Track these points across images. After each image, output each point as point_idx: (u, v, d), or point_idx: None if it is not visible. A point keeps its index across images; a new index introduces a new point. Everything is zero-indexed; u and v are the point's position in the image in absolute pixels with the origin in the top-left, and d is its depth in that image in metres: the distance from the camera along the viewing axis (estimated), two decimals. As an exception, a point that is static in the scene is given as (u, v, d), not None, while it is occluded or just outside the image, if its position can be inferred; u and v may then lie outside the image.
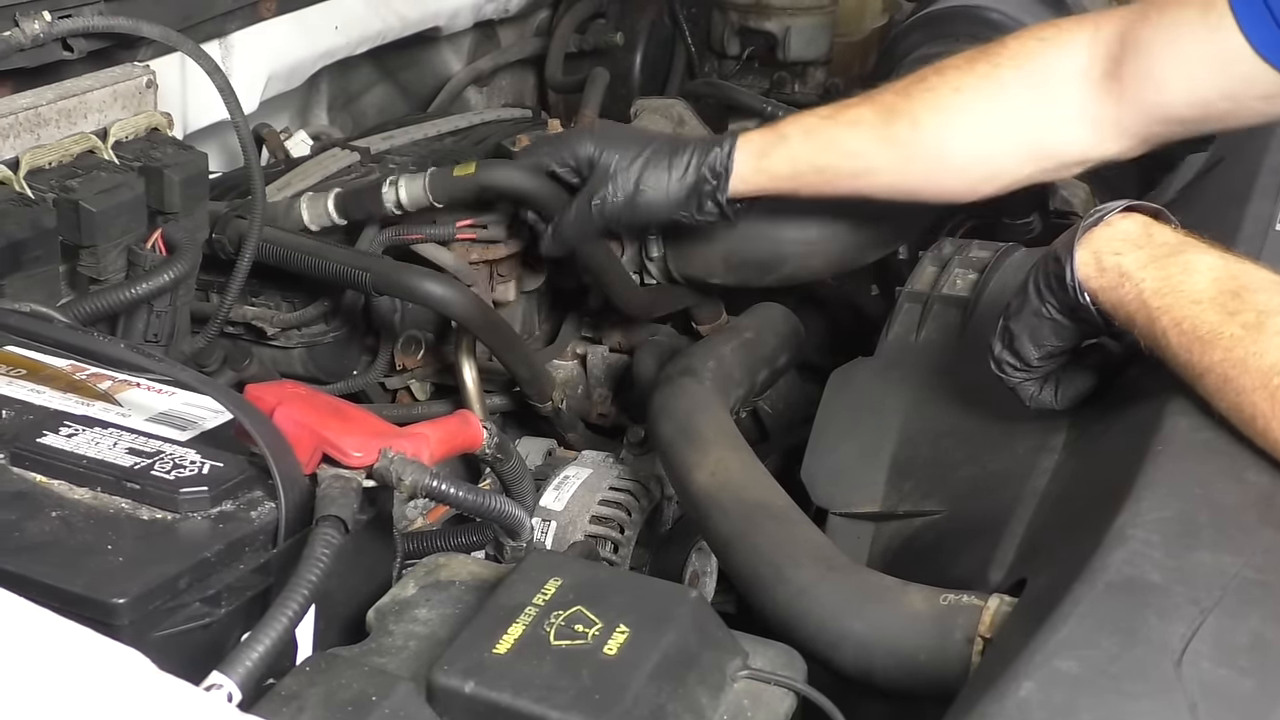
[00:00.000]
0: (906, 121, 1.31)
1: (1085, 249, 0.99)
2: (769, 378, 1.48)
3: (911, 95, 1.32)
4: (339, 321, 1.55)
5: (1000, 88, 1.28)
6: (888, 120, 1.32)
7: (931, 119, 1.30)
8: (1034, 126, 1.28)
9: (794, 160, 1.36)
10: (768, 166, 1.37)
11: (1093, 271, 0.98)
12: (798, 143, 1.36)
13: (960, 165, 1.32)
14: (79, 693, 0.62)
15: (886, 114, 1.32)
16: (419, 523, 1.30)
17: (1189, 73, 1.18)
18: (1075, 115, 1.25)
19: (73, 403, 0.96)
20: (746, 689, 0.82)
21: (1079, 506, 0.95)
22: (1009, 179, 1.33)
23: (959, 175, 1.33)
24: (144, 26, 1.26)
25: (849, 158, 1.34)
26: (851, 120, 1.34)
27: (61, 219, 1.16)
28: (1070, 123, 1.26)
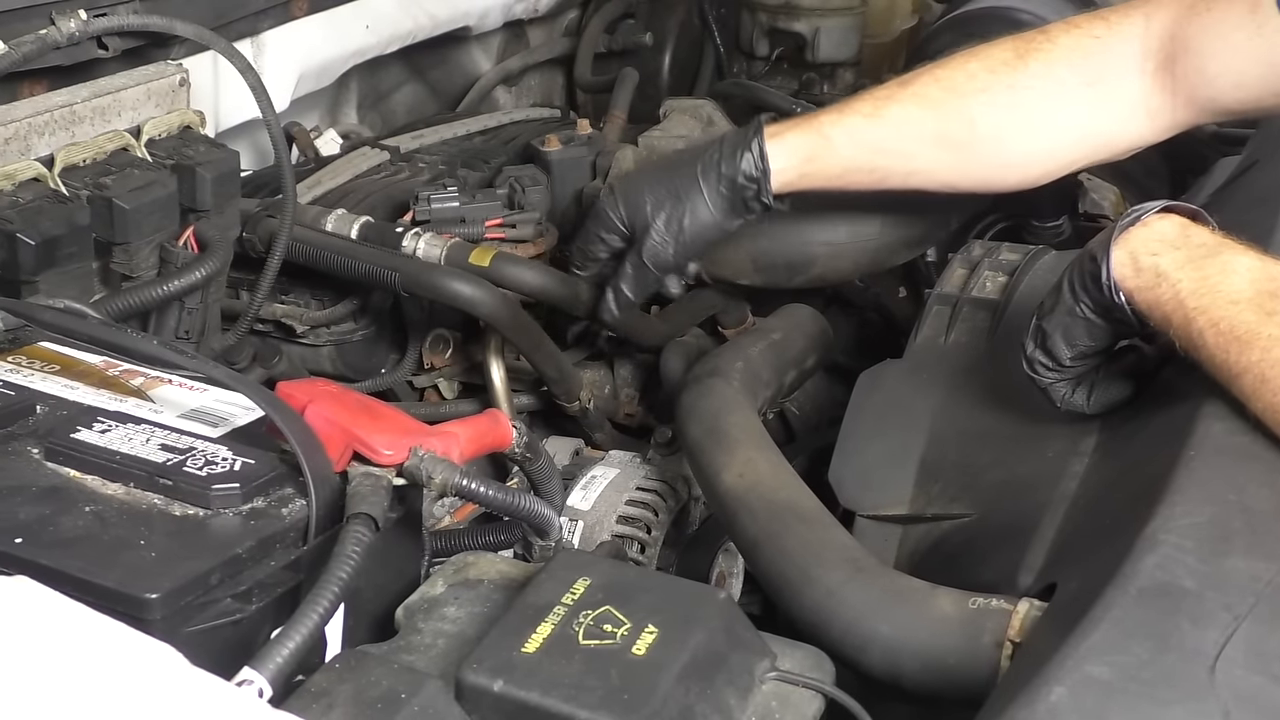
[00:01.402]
0: (963, 123, 1.30)
1: (1122, 249, 0.98)
2: (797, 379, 1.47)
3: (964, 94, 1.31)
4: (367, 320, 1.56)
5: (1059, 86, 1.28)
6: (940, 120, 1.31)
7: (989, 120, 1.30)
8: (1093, 122, 1.29)
9: (844, 162, 1.35)
10: (815, 171, 1.35)
11: (1129, 272, 0.98)
12: (844, 146, 1.34)
13: (1020, 163, 1.33)
14: (114, 687, 0.62)
15: (938, 114, 1.31)
16: (446, 521, 1.31)
17: (1238, 70, 1.20)
18: (1132, 109, 1.27)
19: (106, 399, 0.97)
20: (774, 691, 0.82)
21: (1110, 511, 0.94)
22: (1066, 169, 1.34)
23: (1018, 171, 1.34)
24: (178, 25, 1.27)
25: (902, 159, 1.34)
26: (900, 120, 1.33)
27: (95, 216, 1.16)
28: (1128, 117, 1.27)
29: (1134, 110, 1.27)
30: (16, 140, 1.15)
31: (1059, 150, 1.32)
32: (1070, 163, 1.34)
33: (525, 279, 1.40)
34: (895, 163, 1.34)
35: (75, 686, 0.62)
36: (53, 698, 0.61)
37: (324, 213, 1.48)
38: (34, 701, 0.61)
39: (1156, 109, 1.26)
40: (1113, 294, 0.98)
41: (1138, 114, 1.27)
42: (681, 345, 1.57)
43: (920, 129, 1.32)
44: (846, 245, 1.53)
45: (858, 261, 1.55)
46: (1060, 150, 1.32)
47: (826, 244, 1.52)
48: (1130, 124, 1.28)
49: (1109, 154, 1.33)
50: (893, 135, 1.33)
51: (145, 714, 0.62)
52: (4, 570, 0.71)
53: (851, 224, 1.52)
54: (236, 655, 0.74)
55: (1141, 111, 1.26)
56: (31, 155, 1.16)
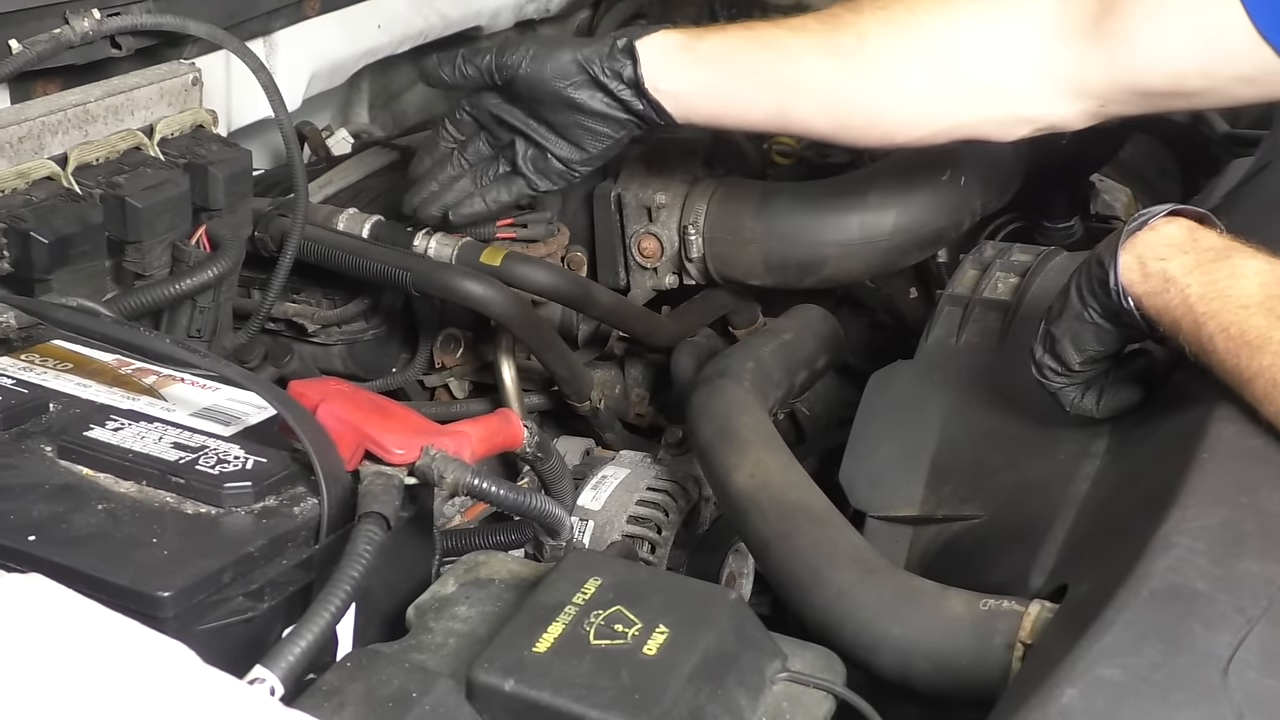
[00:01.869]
0: (852, 34, 1.25)
1: (1129, 253, 0.98)
2: (808, 379, 1.47)
3: (861, 11, 1.26)
4: (379, 319, 1.56)
5: (957, 19, 1.23)
6: (832, 29, 1.26)
7: (880, 35, 1.24)
8: (987, 67, 1.22)
9: (729, 49, 1.29)
10: (697, 49, 1.29)
11: (1137, 277, 0.97)
12: (735, 34, 1.30)
13: (900, 92, 1.26)
14: (126, 684, 0.62)
15: (832, 23, 1.27)
16: (456, 520, 1.31)
17: (1171, 37, 1.14)
18: (1033, 65, 1.21)
19: (119, 397, 0.97)
20: (785, 691, 0.82)
21: (1122, 513, 0.94)
22: (947, 121, 1.26)
23: (897, 104, 1.26)
24: (191, 25, 1.27)
25: (786, 60, 1.27)
26: (795, 25, 1.28)
27: (108, 215, 1.17)
28: (1026, 72, 1.21)
29: (1035, 67, 1.20)
30: (30, 139, 1.15)
31: (944, 89, 1.24)
32: (954, 111, 1.25)
33: (536, 279, 1.40)
34: (779, 64, 1.26)
35: (88, 684, 0.62)
36: (66, 695, 0.61)
37: (336, 212, 1.48)
38: (47, 699, 0.61)
39: (1058, 73, 1.19)
40: (1121, 299, 0.98)
41: (1038, 73, 1.20)
42: (692, 345, 1.57)
43: (811, 36, 1.26)
44: (858, 246, 1.52)
45: (869, 262, 1.55)
46: (945, 90, 1.24)
47: (838, 244, 1.52)
48: (1029, 82, 1.20)
49: (1001, 116, 1.24)
50: (784, 34, 1.27)
51: (158, 712, 0.62)
52: (17, 568, 0.71)
53: (863, 224, 1.51)
54: (248, 653, 0.74)
55: (1043, 71, 1.20)
56: (45, 154, 1.17)
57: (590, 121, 1.33)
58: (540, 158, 1.37)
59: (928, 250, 1.62)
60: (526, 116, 1.36)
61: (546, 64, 1.32)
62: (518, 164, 1.38)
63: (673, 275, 1.59)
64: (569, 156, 1.36)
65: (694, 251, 1.56)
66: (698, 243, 1.55)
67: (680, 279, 1.59)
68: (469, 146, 1.41)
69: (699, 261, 1.56)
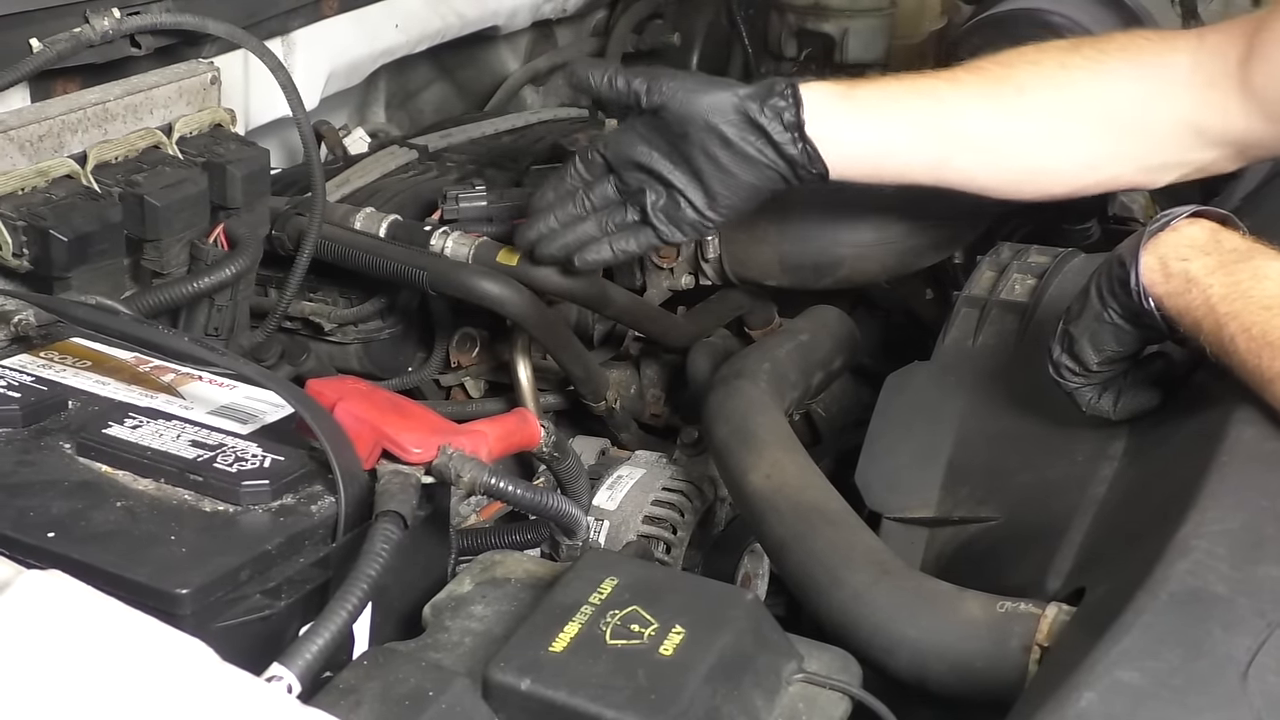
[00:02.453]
0: (1012, 87, 1.25)
1: (1151, 254, 0.98)
2: (824, 380, 1.47)
3: (1014, 65, 1.27)
4: (395, 318, 1.56)
5: (1108, 72, 1.25)
6: (991, 81, 1.26)
7: (1038, 89, 1.25)
8: (1139, 121, 1.24)
9: (888, 97, 1.26)
10: (855, 97, 1.26)
11: (1158, 278, 0.97)
12: (892, 84, 1.28)
13: (1061, 145, 1.27)
14: (145, 681, 0.63)
15: (988, 75, 1.27)
16: (472, 519, 1.31)
17: None
18: (1180, 117, 1.23)
19: (137, 395, 0.98)
20: (801, 693, 0.82)
21: (1140, 515, 0.94)
22: (1105, 173, 1.29)
23: (1059, 157, 1.28)
24: (210, 24, 1.27)
25: (947, 110, 1.26)
26: (950, 77, 1.28)
27: (127, 213, 1.17)
28: (1175, 124, 1.23)
29: (1183, 114, 1.22)
30: (50, 137, 1.16)
31: (1104, 136, 1.25)
32: (1114, 159, 1.26)
33: (553, 279, 1.40)
34: (938, 114, 1.25)
35: (107, 680, 0.62)
36: (85, 691, 0.62)
37: (352, 211, 1.48)
38: (67, 695, 0.61)
39: (1204, 120, 1.22)
40: (1141, 299, 0.98)
41: (1189, 128, 1.22)
42: (708, 346, 1.57)
43: (970, 88, 1.26)
44: (874, 247, 1.52)
45: (885, 263, 1.54)
46: (1105, 137, 1.25)
47: (854, 245, 1.52)
48: (1182, 137, 1.23)
49: (1155, 164, 1.27)
50: (941, 87, 1.26)
51: (176, 709, 0.62)
52: (37, 564, 0.72)
53: (879, 225, 1.51)
54: (265, 651, 0.74)
55: (1190, 119, 1.22)
56: (65, 152, 1.17)
57: (736, 166, 1.26)
58: (673, 207, 1.29)
59: (944, 251, 1.62)
60: (665, 158, 1.28)
61: (703, 98, 1.24)
62: (647, 212, 1.29)
63: (689, 275, 1.59)
64: (704, 206, 1.28)
65: (710, 252, 1.55)
66: (714, 243, 1.55)
67: (696, 279, 1.59)
68: (595, 188, 1.32)
69: (715, 262, 1.56)
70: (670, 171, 1.28)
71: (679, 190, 1.28)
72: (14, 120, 1.14)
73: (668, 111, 1.26)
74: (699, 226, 1.30)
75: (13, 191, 1.12)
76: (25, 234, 1.11)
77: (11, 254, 1.10)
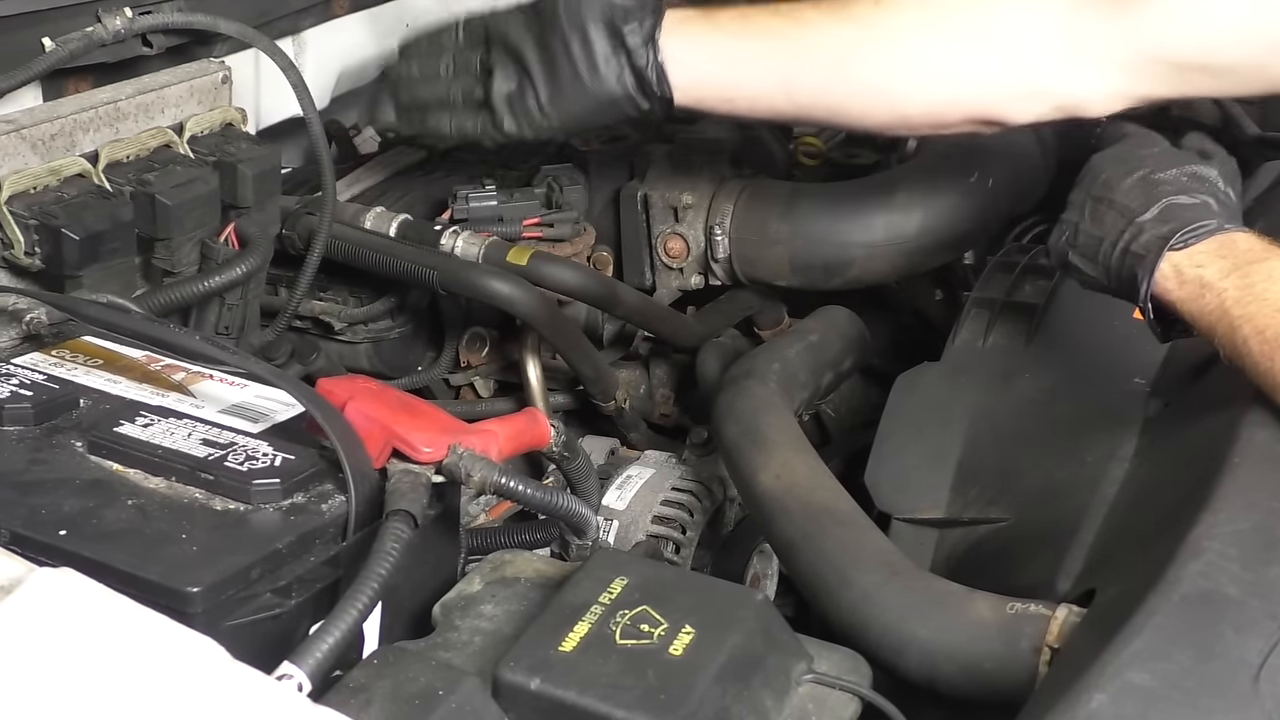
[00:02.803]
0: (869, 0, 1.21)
1: (1166, 261, 0.98)
2: (834, 381, 1.47)
3: None
4: (405, 317, 1.56)
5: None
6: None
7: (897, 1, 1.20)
8: (1004, 34, 1.16)
9: (743, 15, 1.23)
10: (716, 17, 1.24)
11: (1173, 285, 0.98)
12: (756, 6, 1.25)
13: (913, 59, 1.19)
14: (156, 679, 0.63)
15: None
16: (481, 519, 1.31)
17: (1205, 4, 1.09)
18: (1053, 31, 1.14)
19: (148, 393, 0.98)
20: (811, 693, 0.82)
21: (1151, 517, 0.94)
22: (962, 92, 1.19)
23: (908, 72, 1.19)
24: (222, 23, 1.27)
25: (797, 25, 1.21)
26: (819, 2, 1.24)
27: (138, 212, 1.17)
28: (1046, 39, 1.14)
29: (1058, 31, 1.13)
30: (62, 136, 1.16)
31: (962, 56, 1.17)
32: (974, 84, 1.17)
33: (563, 278, 1.40)
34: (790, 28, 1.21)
35: (119, 678, 0.63)
36: (97, 689, 0.62)
37: (363, 210, 1.49)
38: (78, 692, 0.61)
39: (1083, 40, 1.12)
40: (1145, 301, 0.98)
41: (1062, 39, 1.13)
42: (718, 346, 1.57)
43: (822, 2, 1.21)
44: (884, 247, 1.52)
45: (895, 264, 1.54)
46: (964, 57, 1.17)
47: (864, 246, 1.52)
48: (1051, 49, 1.13)
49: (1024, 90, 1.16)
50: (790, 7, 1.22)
51: (187, 707, 0.62)
52: (49, 562, 0.72)
53: (890, 226, 1.51)
54: (275, 650, 0.74)
55: (1067, 37, 1.13)
56: (77, 151, 1.17)
57: (587, 70, 1.25)
58: (519, 96, 1.29)
59: (954, 252, 1.62)
60: (533, 45, 1.28)
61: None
62: (491, 95, 1.30)
63: (698, 276, 1.59)
64: (547, 101, 1.28)
65: (720, 252, 1.55)
66: (724, 243, 1.55)
67: (706, 279, 1.59)
68: (462, 55, 1.34)
69: (725, 262, 1.56)
70: (530, 58, 1.28)
71: (530, 78, 1.28)
72: (26, 119, 1.15)
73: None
74: (535, 123, 1.30)
75: (25, 190, 1.12)
76: (37, 232, 1.11)
77: (24, 252, 1.11)
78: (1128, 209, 1.03)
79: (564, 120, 1.30)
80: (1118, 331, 1.24)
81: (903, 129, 1.27)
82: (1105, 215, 1.05)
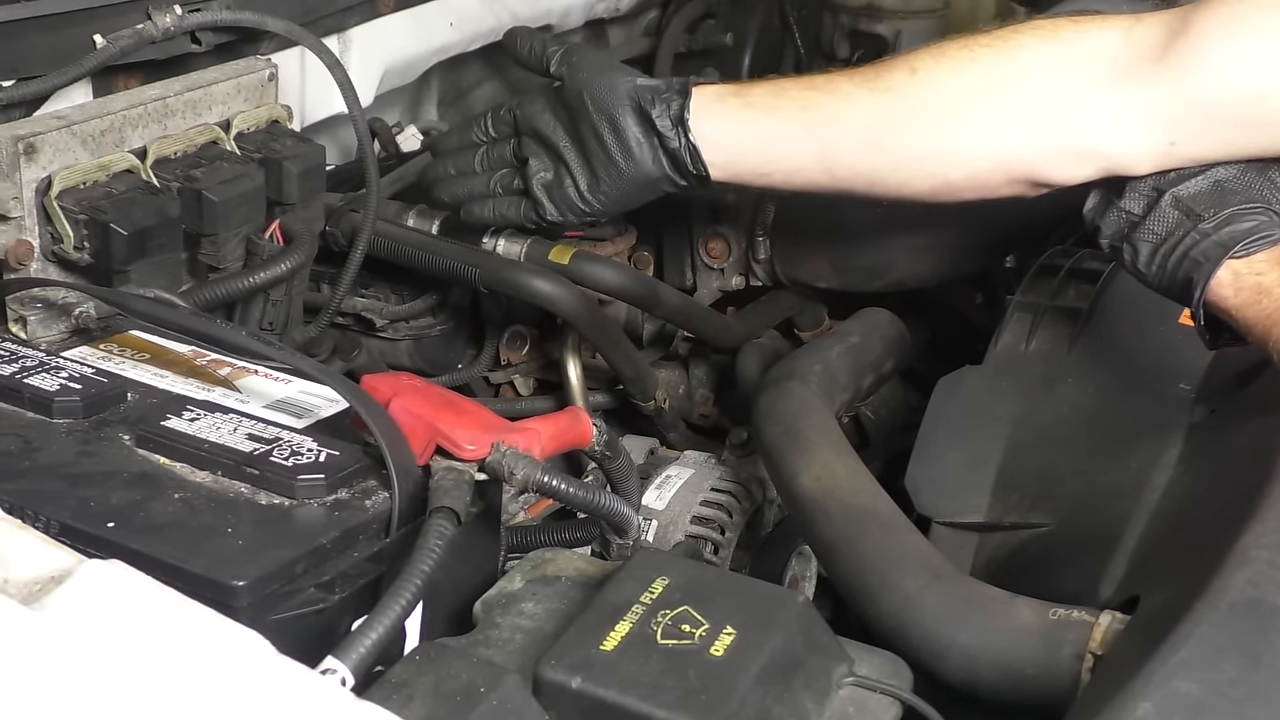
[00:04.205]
0: (904, 70, 1.19)
1: (1226, 268, 0.97)
2: (874, 383, 1.47)
3: (917, 54, 1.21)
4: (446, 315, 1.57)
5: (1017, 49, 1.16)
6: (884, 67, 1.21)
7: (933, 68, 1.18)
8: (1047, 95, 1.14)
9: (778, 90, 1.23)
10: (748, 93, 1.24)
11: (1229, 291, 0.97)
12: (788, 80, 1.25)
13: (953, 124, 1.17)
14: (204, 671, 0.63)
15: (883, 66, 1.22)
16: (520, 517, 1.32)
17: (1249, 53, 1.05)
18: (1097, 92, 1.11)
19: (194, 388, 0.99)
20: (852, 696, 0.82)
21: (1197, 524, 0.93)
22: (1005, 156, 1.17)
23: (949, 138, 1.17)
24: (270, 21, 1.28)
25: (834, 97, 1.20)
26: (849, 71, 1.23)
27: (185, 208, 1.18)
28: (1090, 100, 1.11)
29: (1100, 93, 1.11)
30: (112, 132, 1.17)
31: (1001, 121, 1.15)
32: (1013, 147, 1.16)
33: (604, 277, 1.41)
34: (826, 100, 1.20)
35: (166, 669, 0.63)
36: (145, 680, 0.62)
37: (406, 208, 1.49)
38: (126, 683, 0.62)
39: (1127, 100, 1.09)
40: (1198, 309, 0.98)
41: (1104, 100, 1.10)
42: (758, 347, 1.57)
43: (863, 76, 1.20)
44: (926, 250, 1.51)
45: (936, 267, 1.54)
46: (1002, 122, 1.15)
47: (906, 248, 1.51)
48: (1097, 115, 1.11)
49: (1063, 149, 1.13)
50: (837, 77, 1.22)
51: (233, 699, 0.63)
52: (97, 554, 0.72)
53: (932, 228, 1.50)
54: (318, 645, 0.75)
55: (1109, 99, 1.10)
56: (125, 147, 1.18)
57: (621, 155, 1.28)
58: (557, 184, 1.32)
59: (997, 255, 1.61)
60: (565, 133, 1.31)
61: (601, 79, 1.28)
62: (530, 184, 1.33)
63: (739, 276, 1.59)
64: (586, 189, 1.30)
65: (761, 253, 1.55)
66: (765, 244, 1.55)
67: (747, 280, 1.59)
68: (496, 147, 1.37)
69: (766, 263, 1.56)
70: (564, 147, 1.31)
71: (567, 167, 1.31)
72: (77, 115, 1.16)
73: (570, 85, 1.30)
74: (576, 210, 1.32)
75: (74, 185, 1.13)
76: (86, 227, 1.12)
77: (73, 247, 1.12)
78: (1193, 212, 1.02)
79: (606, 204, 1.33)
80: (1163, 337, 1.23)
81: (946, 196, 1.23)
82: (1169, 214, 1.04)
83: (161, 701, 0.62)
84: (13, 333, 1.08)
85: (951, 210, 1.47)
